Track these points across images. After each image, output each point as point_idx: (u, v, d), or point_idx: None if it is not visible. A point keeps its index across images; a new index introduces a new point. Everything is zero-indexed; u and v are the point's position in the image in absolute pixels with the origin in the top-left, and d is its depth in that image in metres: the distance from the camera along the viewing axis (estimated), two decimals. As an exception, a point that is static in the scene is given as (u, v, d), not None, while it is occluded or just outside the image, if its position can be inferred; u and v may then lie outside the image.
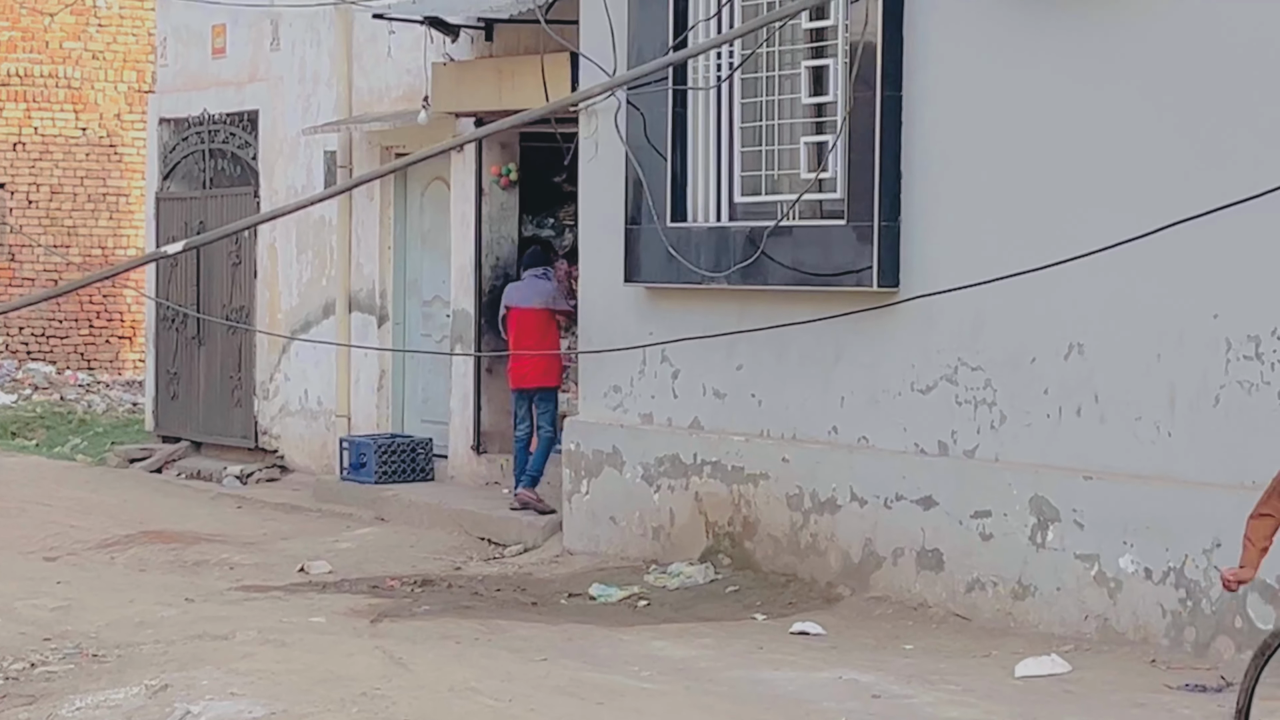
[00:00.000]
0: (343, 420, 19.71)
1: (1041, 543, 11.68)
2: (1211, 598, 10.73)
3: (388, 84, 19.21)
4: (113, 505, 18.61)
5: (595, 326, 14.85)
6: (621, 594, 13.34)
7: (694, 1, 13.98)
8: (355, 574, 14.73)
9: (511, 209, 18.33)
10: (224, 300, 21.70)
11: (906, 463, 12.56)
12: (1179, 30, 11.12)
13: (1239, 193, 10.29)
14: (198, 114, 22.21)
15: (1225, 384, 10.76)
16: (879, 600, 12.57)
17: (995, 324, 11.99)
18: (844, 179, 12.89)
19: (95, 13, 29.95)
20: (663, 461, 14.30)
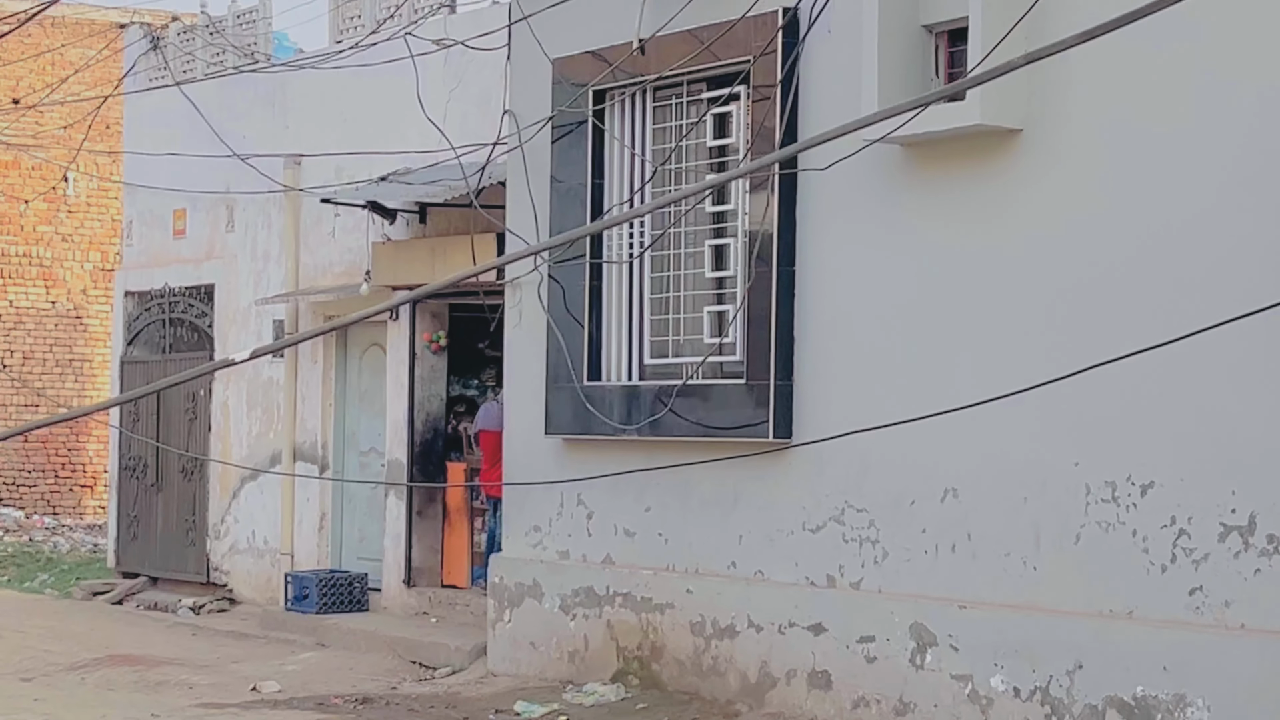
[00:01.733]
0: (286, 557, 19.54)
1: (920, 664, 11.49)
2: (1074, 713, 10.56)
3: (331, 261, 19.12)
4: (80, 632, 18.38)
5: (518, 471, 14.64)
6: (543, 710, 13.07)
7: (609, 189, 13.95)
8: (303, 693, 14.51)
9: (441, 371, 18.30)
10: (181, 450, 21.47)
11: (798, 594, 12.36)
12: (1028, 217, 11.11)
13: (1083, 354, 10.31)
14: (159, 287, 22.08)
15: (1085, 523, 10.65)
16: (774, 716, 12.34)
17: (878, 470, 11.86)
18: (743, 343, 12.79)
19: (65, 200, 29.91)
20: (578, 593, 14.07)
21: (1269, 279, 9.74)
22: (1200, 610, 10.04)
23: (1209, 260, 10.12)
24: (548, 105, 14.32)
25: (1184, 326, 9.85)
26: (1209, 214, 10.16)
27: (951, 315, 11.54)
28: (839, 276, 12.27)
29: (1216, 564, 9.98)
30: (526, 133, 14.40)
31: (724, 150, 13.28)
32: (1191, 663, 10.00)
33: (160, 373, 21.78)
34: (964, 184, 11.46)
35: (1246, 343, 9.50)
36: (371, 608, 18.28)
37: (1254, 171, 9.96)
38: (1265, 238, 9.86)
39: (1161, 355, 9.47)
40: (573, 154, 14.09)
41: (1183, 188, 10.30)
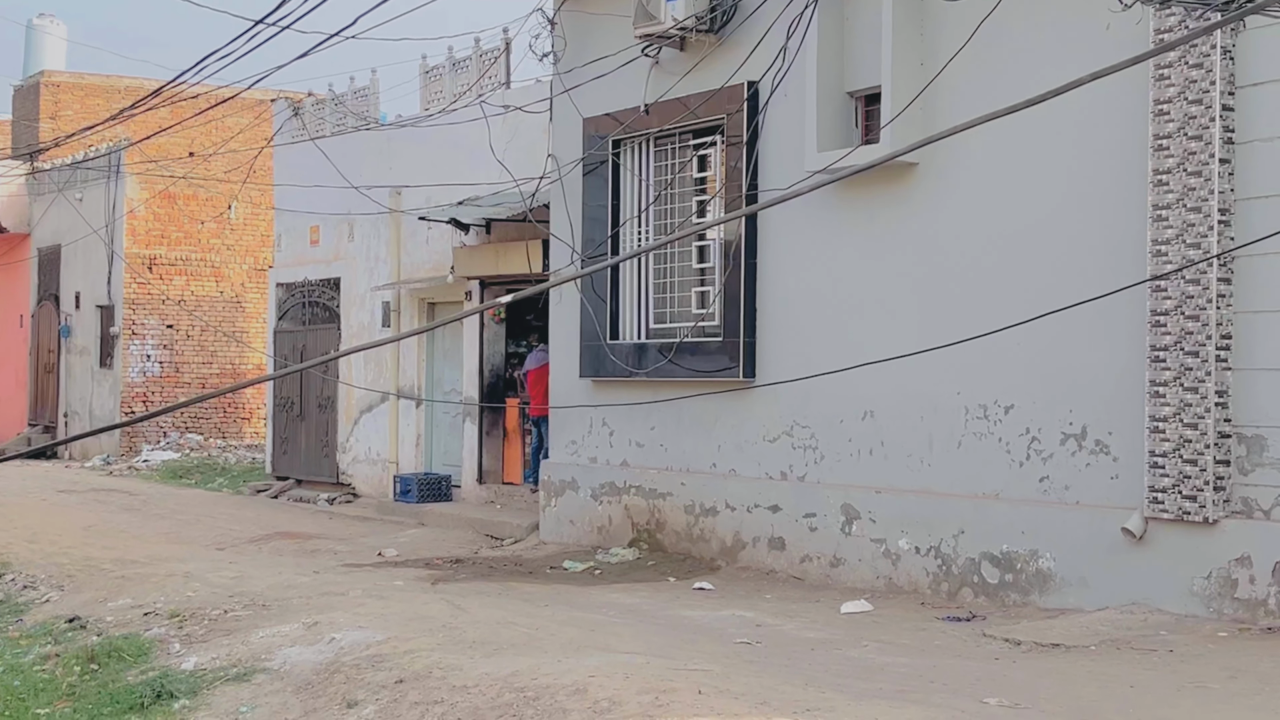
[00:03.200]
0: (393, 464, 19.38)
1: (849, 532, 11.40)
2: (958, 564, 10.49)
3: (423, 260, 18.92)
4: (251, 517, 18.16)
5: (560, 402, 14.49)
6: (583, 566, 12.92)
7: (623, 208, 13.80)
8: (413, 556, 14.28)
9: (501, 335, 18.13)
10: (317, 393, 21.32)
11: (761, 485, 12.25)
12: (923, 223, 11.01)
13: (966, 318, 10.25)
14: (301, 280, 21.84)
15: (965, 434, 10.57)
16: (744, 569, 12.25)
17: (817, 400, 11.75)
18: (720, 314, 12.65)
19: (229, 221, 29.57)
20: (604, 486, 13.93)
21: (1094, 265, 9.67)
22: (1048, 492, 9.97)
23: (1051, 252, 10.03)
24: (579, 150, 14.15)
25: (1038, 301, 9.82)
26: (1050, 220, 10.07)
27: (869, 293, 11.42)
28: (788, 268, 12.14)
29: (1059, 460, 9.91)
30: (565, 169, 14.24)
31: (704, 180, 13.14)
32: (1041, 528, 9.94)
33: (302, 340, 21.64)
34: (877, 203, 11.33)
35: (1082, 310, 9.40)
36: (454, 499, 18.14)
37: (1079, 189, 9.88)
38: (1089, 235, 9.78)
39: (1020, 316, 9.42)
40: (597, 184, 13.93)
41: (1031, 201, 10.20)
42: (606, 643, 8.12)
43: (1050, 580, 9.88)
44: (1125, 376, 9.51)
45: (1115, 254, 9.55)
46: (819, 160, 11.32)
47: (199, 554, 13.85)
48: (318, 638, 8.71)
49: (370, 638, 8.45)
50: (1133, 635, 8.66)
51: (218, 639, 9.09)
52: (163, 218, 28.81)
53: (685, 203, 13.29)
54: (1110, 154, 9.66)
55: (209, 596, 10.61)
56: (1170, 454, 9.17)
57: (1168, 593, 9.17)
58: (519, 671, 6.79)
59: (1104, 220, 9.68)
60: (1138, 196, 9.43)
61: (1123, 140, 9.56)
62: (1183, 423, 9.12)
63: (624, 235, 13.73)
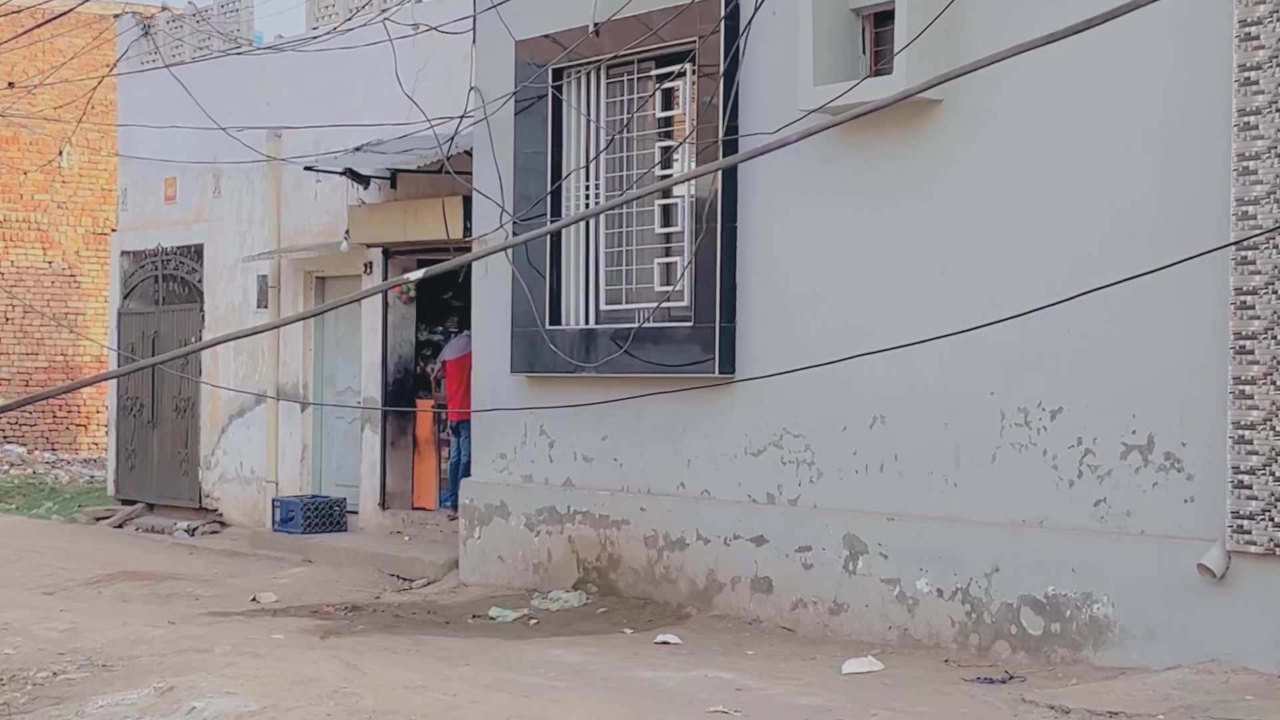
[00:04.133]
0: (271, 485, 19.41)
1: (853, 570, 11.46)
2: (991, 611, 10.57)
3: (310, 222, 18.91)
4: (89, 552, 18.16)
5: (486, 405, 14.49)
6: (515, 615, 12.96)
7: (566, 157, 13.82)
8: (296, 602, 14.32)
9: (410, 318, 18.18)
10: (174, 393, 21.33)
11: (742, 510, 12.31)
12: (947, 179, 11.06)
13: (997, 298, 10.33)
14: (153, 247, 21.82)
15: (1000, 445, 10.63)
16: (721, 617, 12.30)
17: (813, 401, 11.80)
18: (690, 291, 12.69)
19: (60, 171, 29.46)
20: (541, 512, 13.97)
21: (1163, 229, 9.75)
22: (1104, 519, 10.04)
23: (1109, 214, 10.10)
24: (510, 83, 14.16)
25: (1085, 271, 9.88)
26: (1107, 174, 10.14)
27: (878, 264, 11.47)
28: (776, 230, 12.18)
29: (1118, 479, 9.99)
30: (491, 107, 14.26)
31: (670, 122, 13.18)
32: (1096, 565, 10.02)
33: (155, 323, 21.64)
34: (889, 149, 11.38)
35: (1146, 279, 9.44)
36: (350, 528, 18.18)
37: (1143, 136, 9.94)
38: (1156, 194, 9.86)
39: (1069, 293, 9.48)
40: (534, 126, 13.95)
41: (1085, 151, 10.26)
42: (544, 713, 8.15)
43: (1108, 631, 9.95)
44: (1202, 372, 9.58)
45: (1189, 217, 9.62)
46: (816, 96, 11.35)
47: (21, 600, 13.80)
48: (174, 707, 8.70)
49: (241, 707, 8.44)
50: (1211, 701, 8.73)
51: (44, 709, 9.06)
52: (-27, 167, 28.71)
53: (646, 150, 13.31)
54: (1183, 90, 9.73)
55: (33, 654, 10.56)
56: (1259, 470, 9.26)
57: (1256, 647, 9.25)
58: (431, 750, 6.80)
59: (1175, 174, 9.75)
60: (1218, 144, 9.49)
61: (1199, 73, 9.63)
62: (1274, 430, 9.21)
63: (568, 191, 13.74)
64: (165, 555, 18.15)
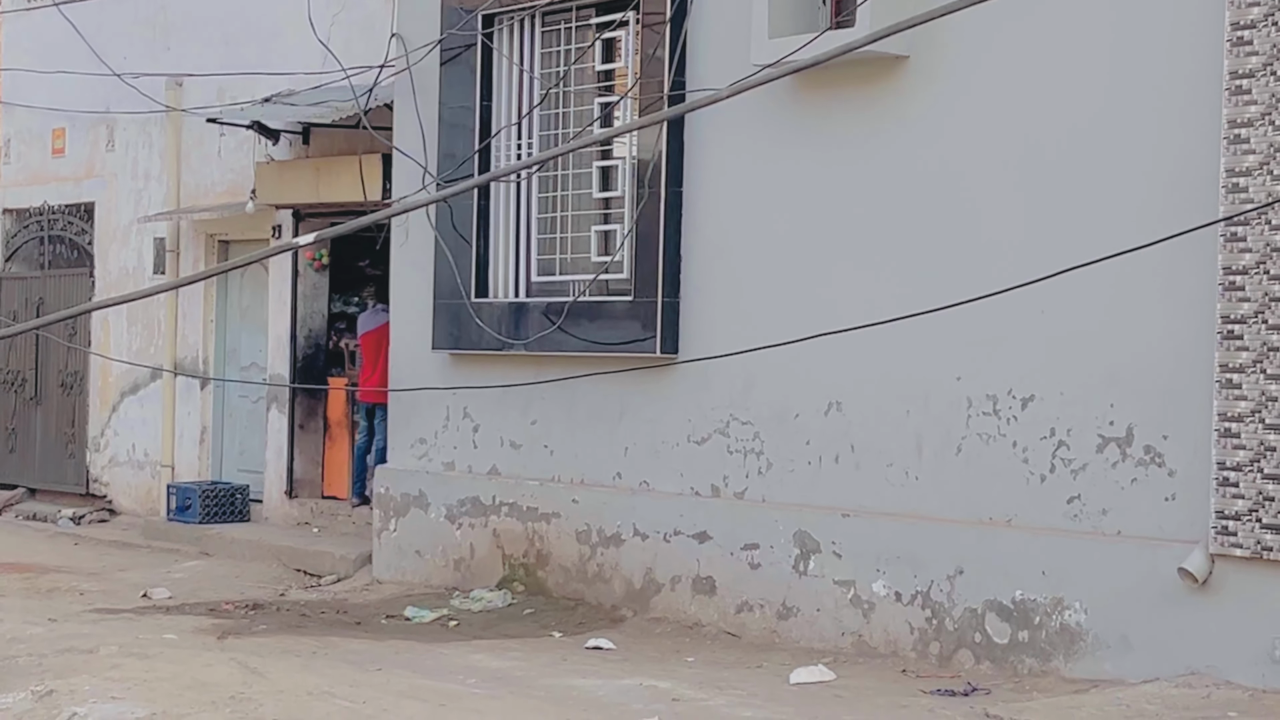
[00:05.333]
0: (167, 470, 19.30)
1: (804, 571, 11.50)
2: (954, 617, 10.62)
3: (214, 181, 18.80)
4: (-38, 542, 18.02)
5: (405, 384, 14.47)
6: (433, 615, 12.96)
7: (497, 111, 13.78)
8: (192, 599, 14.27)
9: (323, 289, 18.10)
10: (60, 366, 21.18)
11: (683, 503, 12.33)
12: (912, 141, 11.09)
13: (965, 276, 10.36)
14: (38, 205, 21.66)
15: (966, 435, 10.68)
16: (659, 620, 12.33)
17: (763, 385, 11.83)
18: (630, 262, 12.69)
19: (-64, 121, 29.14)
20: (464, 503, 13.96)
21: (1147, 202, 9.78)
22: (1078, 518, 10.10)
23: (1088, 184, 10.14)
24: (436, 29, 14.13)
25: (1061, 248, 9.92)
26: (1086, 140, 10.17)
27: (836, 236, 11.50)
28: (725, 197, 12.19)
29: (1094, 474, 10.04)
30: (415, 55, 14.22)
31: (611, 75, 13.17)
32: (1069, 568, 10.07)
33: (40, 288, 21.50)
34: (850, 110, 11.41)
35: (1125, 262, 9.48)
36: (253, 518, 18.08)
37: (1127, 99, 9.98)
38: (1138, 163, 9.90)
39: (1043, 271, 9.52)
40: (461, 77, 13.91)
41: (1062, 114, 10.30)
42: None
43: (1079, 640, 10.01)
44: (1187, 359, 9.64)
45: (1176, 189, 9.67)
46: (771, 50, 11.34)
47: (-117, 594, 13.79)
48: (54, 713, 8.65)
49: (128, 713, 8.41)
50: (1191, 717, 8.79)
51: (-95, 719, 9.02)
52: None
53: (585, 106, 13.31)
54: (1171, 50, 9.77)
55: (-109, 654, 10.54)
56: (1246, 467, 9.31)
57: (1240, 659, 9.31)
58: (334, 764, 6.79)
59: (1161, 142, 9.79)
60: (1208, 110, 9.54)
61: (1189, 31, 9.67)
62: (1264, 423, 9.26)
63: (498, 150, 13.72)
64: (48, 545, 18.05)
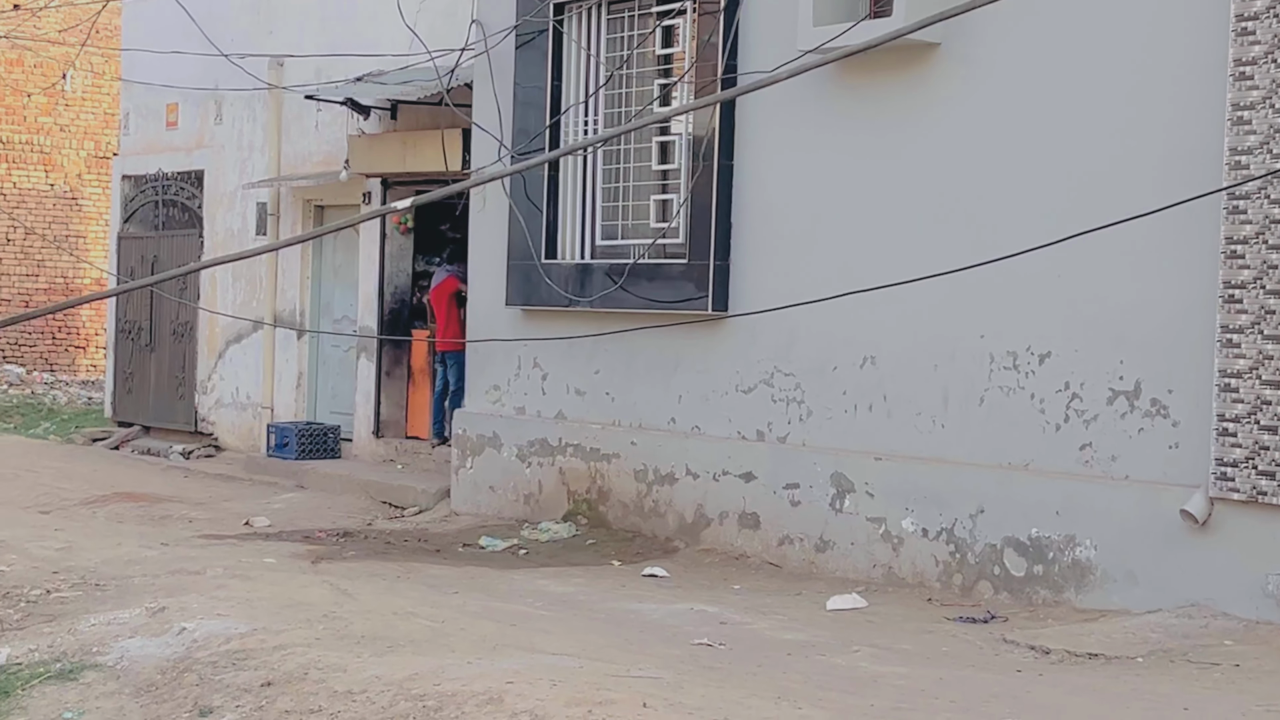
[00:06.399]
0: (267, 410, 19.36)
1: (839, 508, 11.48)
2: (975, 551, 10.59)
3: (310, 151, 18.82)
4: (85, 473, 18.13)
5: (483, 335, 14.48)
6: (505, 544, 13.00)
7: (566, 91, 13.75)
8: (289, 527, 14.34)
9: (408, 250, 18.10)
10: (172, 317, 21.27)
11: (731, 446, 12.32)
12: (943, 121, 11.02)
13: (990, 239, 10.28)
14: (154, 172, 21.72)
15: (989, 387, 10.63)
16: (708, 551, 12.34)
17: (805, 340, 11.80)
18: (685, 228, 12.66)
19: (63, 94, 29.30)
20: (533, 444, 13.98)
21: (1156, 178, 9.71)
22: (1090, 464, 10.05)
23: (1102, 160, 10.06)
24: (512, 16, 14.09)
25: (1077, 217, 9.84)
26: (1102, 121, 10.09)
27: (873, 205, 11.45)
28: (772, 171, 12.15)
29: (1105, 424, 9.99)
30: (492, 40, 14.20)
31: (670, 59, 13.11)
32: (1081, 508, 10.03)
33: (154, 247, 21.58)
34: (886, 92, 11.33)
35: (1137, 228, 9.42)
36: (344, 456, 18.15)
37: (1141, 83, 9.89)
38: (1151, 142, 9.81)
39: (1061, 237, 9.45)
40: (534, 60, 13.88)
41: (1080, 97, 10.21)
42: (530, 641, 8.15)
43: (1089, 574, 9.98)
44: (1191, 320, 9.57)
45: (1183, 166, 9.58)
46: (814, 37, 11.29)
47: (16, 518, 13.82)
48: (165, 627, 8.69)
49: (231, 629, 8.44)
50: (1190, 645, 8.76)
51: (37, 626, 9.06)
52: (-23, 88, 28.57)
53: (645, 87, 13.25)
54: (1182, 38, 9.67)
55: (27, 572, 10.57)
56: (1244, 419, 9.26)
57: (1235, 592, 9.27)
58: (418, 675, 6.81)
59: (1171, 123, 9.70)
60: (1214, 93, 9.45)
61: (1197, 22, 9.57)
62: (1260, 379, 9.20)
63: (566, 126, 13.68)
64: (160, 478, 18.16)
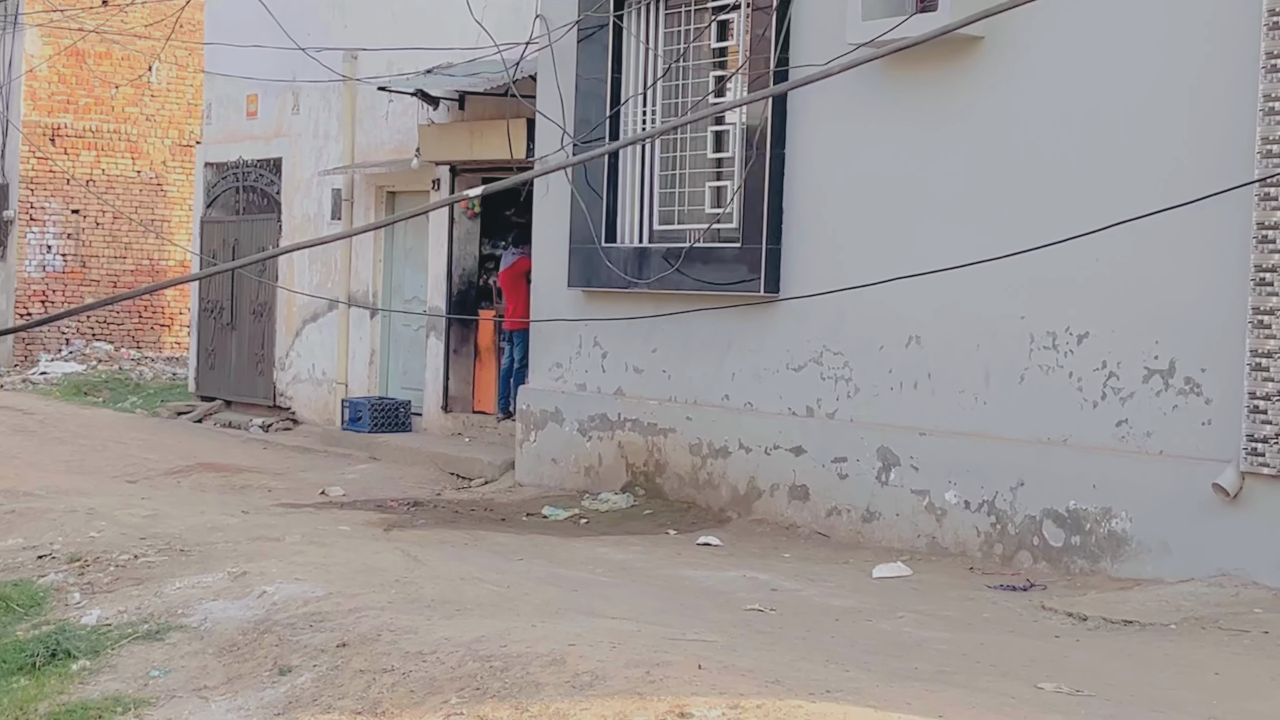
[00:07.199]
0: (341, 386, 19.49)
1: (885, 481, 11.48)
2: (1015, 523, 10.57)
3: (382, 140, 18.91)
4: (170, 444, 18.27)
5: (546, 315, 14.52)
6: (566, 514, 13.05)
7: (625, 83, 13.76)
8: (363, 497, 14.42)
9: (474, 234, 18.17)
10: (252, 297, 21.42)
11: (782, 422, 12.32)
12: (987, 111, 10.99)
13: (1031, 226, 10.25)
14: (234, 160, 21.85)
15: (1029, 366, 10.60)
16: (759, 521, 12.34)
17: (853, 321, 11.79)
18: (739, 214, 12.65)
19: (149, 86, 29.47)
20: (594, 418, 14.01)
21: (1191, 166, 9.65)
22: (1125, 439, 10.02)
23: (1140, 151, 10.00)
24: (574, 11, 14.09)
25: (1116, 203, 9.80)
26: (1139, 112, 10.04)
27: (918, 191, 11.42)
28: (822, 159, 12.12)
29: (1140, 401, 9.95)
30: (556, 34, 14.20)
31: (724, 53, 13.10)
32: (1116, 482, 10.00)
33: (235, 231, 21.72)
34: (932, 84, 11.30)
35: (1172, 213, 9.36)
36: (414, 429, 18.25)
37: (1176, 75, 9.83)
38: (1186, 132, 9.76)
39: (1101, 224, 9.40)
40: (595, 53, 13.88)
41: (1118, 88, 10.16)
42: (591, 606, 8.20)
43: (1125, 544, 9.96)
44: (1224, 302, 9.52)
45: (1217, 155, 9.52)
46: (864, 31, 11.26)
47: (105, 487, 13.96)
48: (246, 591, 8.78)
49: (309, 592, 8.51)
50: (1221, 613, 8.73)
51: (126, 589, 9.15)
52: (69, 79, 28.69)
53: (701, 79, 13.25)
54: (1214, 31, 9.61)
55: (116, 538, 10.68)
56: (1274, 397, 9.21)
57: (1265, 563, 9.24)
58: (485, 637, 6.86)
59: (1205, 114, 9.64)
60: (1246, 85, 9.38)
61: (1230, 16, 9.50)
62: (1291, 360, 9.15)
63: (626, 116, 13.70)
64: (241, 449, 18.29)
